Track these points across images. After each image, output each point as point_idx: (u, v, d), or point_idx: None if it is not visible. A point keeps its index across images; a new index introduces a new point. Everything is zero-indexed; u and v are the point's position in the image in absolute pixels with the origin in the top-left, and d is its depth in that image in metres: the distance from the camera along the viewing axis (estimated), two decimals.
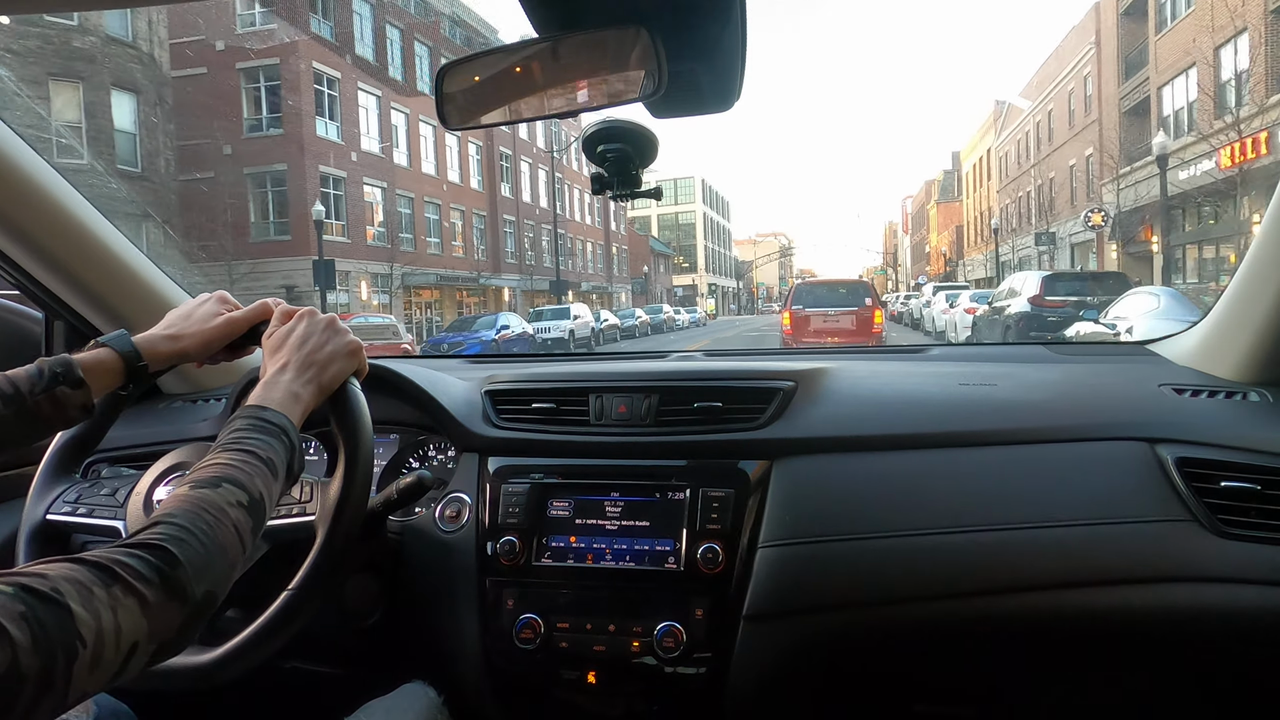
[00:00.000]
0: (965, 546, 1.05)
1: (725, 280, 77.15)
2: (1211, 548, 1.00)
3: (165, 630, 0.59)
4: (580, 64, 0.76)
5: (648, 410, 1.23)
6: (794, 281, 19.19)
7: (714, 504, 1.13)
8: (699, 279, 67.32)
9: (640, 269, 54.67)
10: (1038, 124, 33.94)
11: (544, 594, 1.14)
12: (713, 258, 72.37)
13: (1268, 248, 1.14)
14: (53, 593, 0.52)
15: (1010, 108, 39.96)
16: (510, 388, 1.31)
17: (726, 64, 0.74)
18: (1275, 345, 1.17)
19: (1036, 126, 34.23)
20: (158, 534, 0.63)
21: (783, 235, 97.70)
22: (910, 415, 1.20)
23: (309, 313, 0.95)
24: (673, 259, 65.41)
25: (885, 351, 1.93)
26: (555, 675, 1.13)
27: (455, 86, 0.82)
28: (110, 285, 1.41)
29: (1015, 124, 38.40)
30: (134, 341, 0.93)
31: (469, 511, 1.20)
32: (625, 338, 28.15)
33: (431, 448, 1.37)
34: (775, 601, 1.07)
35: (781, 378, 1.25)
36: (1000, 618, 1.05)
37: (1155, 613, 1.01)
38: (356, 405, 0.95)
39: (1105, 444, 1.11)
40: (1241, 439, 1.06)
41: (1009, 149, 40.05)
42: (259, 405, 0.83)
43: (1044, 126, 32.98)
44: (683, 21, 0.70)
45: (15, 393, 0.84)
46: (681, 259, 67.15)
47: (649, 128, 0.99)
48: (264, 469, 0.76)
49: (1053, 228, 30.27)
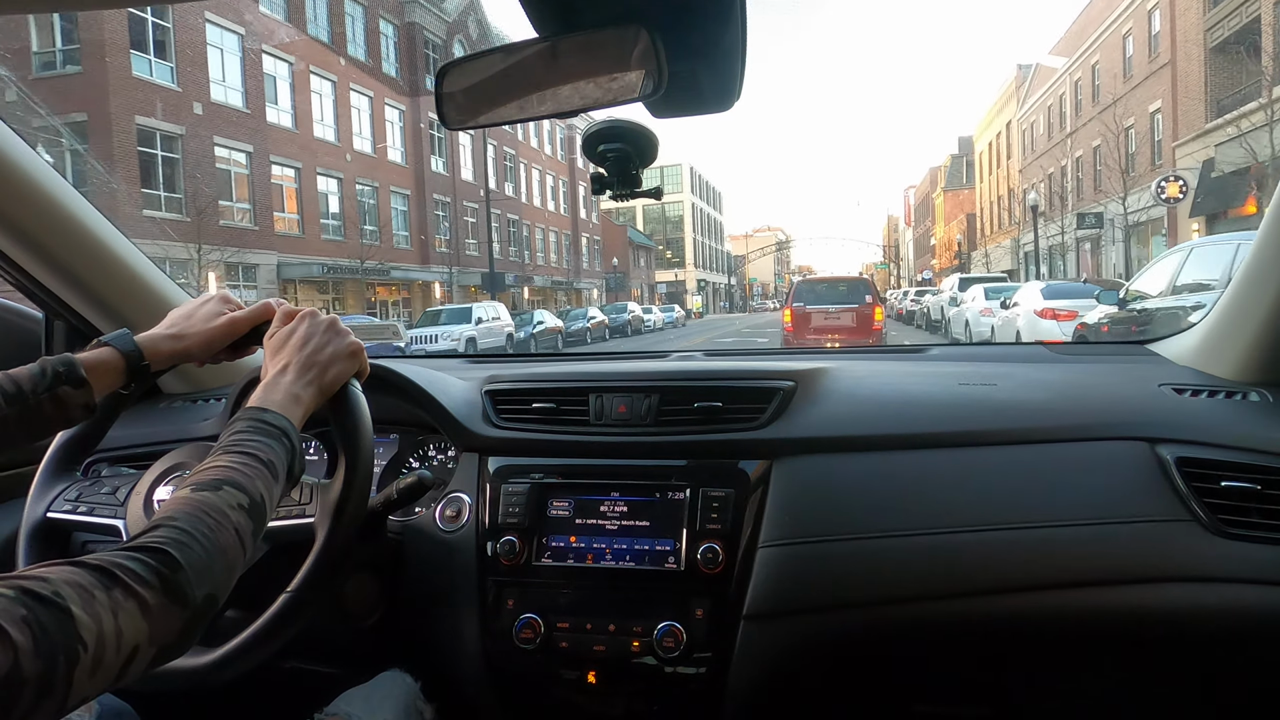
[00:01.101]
0: (965, 546, 1.05)
1: (716, 276, 73.33)
2: (1211, 548, 1.00)
3: (166, 633, 0.59)
4: (580, 64, 0.76)
5: (648, 410, 1.23)
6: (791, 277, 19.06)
7: (714, 504, 1.13)
8: (687, 274, 63.15)
9: (619, 262, 49.09)
10: (1076, 82, 28.64)
11: (544, 594, 1.15)
12: (703, 252, 68.43)
13: (1268, 248, 1.14)
14: (54, 596, 0.52)
15: (1038, 70, 34.10)
16: (510, 388, 1.31)
17: (726, 64, 0.74)
18: (1275, 345, 1.17)
19: (1075, 86, 28.79)
20: (159, 537, 0.63)
21: (779, 230, 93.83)
22: (910, 415, 1.20)
23: (310, 313, 0.95)
24: (655, 252, 61.01)
25: (885, 351, 1.93)
26: (555, 675, 1.14)
27: (455, 86, 0.82)
28: (110, 285, 1.41)
29: (1045, 88, 32.90)
30: (136, 341, 0.93)
31: (469, 511, 1.21)
32: (573, 343, 23.81)
33: (431, 448, 1.37)
34: (775, 601, 1.08)
35: (781, 378, 1.25)
36: (1000, 618, 1.05)
37: (1155, 613, 1.01)
38: (357, 407, 0.95)
39: (1105, 444, 1.11)
40: (1241, 439, 1.06)
41: (1035, 119, 34.49)
42: (260, 407, 0.83)
43: (1085, 85, 27.63)
44: (683, 21, 0.70)
45: (18, 392, 0.84)
46: (670, 253, 62.99)
47: (649, 127, 0.99)
48: (265, 471, 0.76)
49: (1098, 206, 24.57)
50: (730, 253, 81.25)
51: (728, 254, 79.56)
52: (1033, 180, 33.59)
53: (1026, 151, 36.25)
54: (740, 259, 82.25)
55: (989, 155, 45.25)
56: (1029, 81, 35.51)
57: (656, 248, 61.34)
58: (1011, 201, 38.64)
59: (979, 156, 48.81)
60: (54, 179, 1.29)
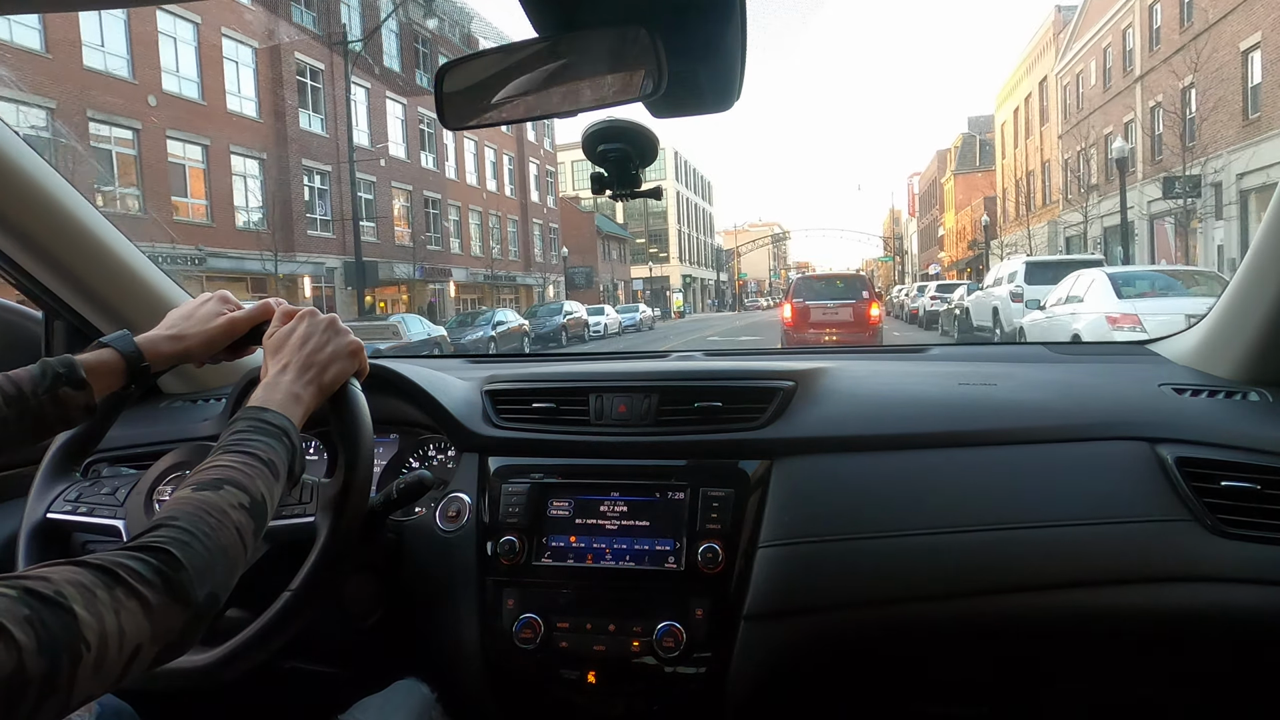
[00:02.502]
0: (965, 546, 1.06)
1: (704, 272, 65.10)
2: (1211, 548, 1.00)
3: (168, 632, 0.60)
4: (580, 64, 0.76)
5: (648, 410, 1.23)
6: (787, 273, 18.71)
7: (714, 504, 1.13)
8: (672, 269, 55.51)
9: (587, 255, 41.36)
10: (1150, 7, 21.85)
11: (544, 594, 1.15)
12: (690, 245, 60.66)
13: (1268, 248, 1.14)
14: (56, 596, 0.52)
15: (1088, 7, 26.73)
16: (510, 387, 1.32)
17: (726, 64, 0.74)
18: (1275, 345, 1.17)
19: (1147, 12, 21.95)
20: (160, 537, 0.63)
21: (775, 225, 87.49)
22: (910, 415, 1.20)
23: (310, 313, 0.95)
24: (630, 243, 52.09)
25: (885, 351, 1.93)
26: (555, 675, 1.14)
27: (455, 86, 0.82)
28: (110, 285, 1.41)
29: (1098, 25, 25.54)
30: (136, 342, 0.93)
31: (469, 511, 1.21)
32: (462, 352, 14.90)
33: (432, 448, 1.37)
34: (775, 601, 1.08)
35: (781, 378, 1.25)
36: (1000, 618, 1.05)
37: (1155, 613, 1.02)
38: (357, 406, 0.95)
39: (1105, 444, 1.11)
40: (1241, 438, 1.06)
41: (1083, 67, 27.23)
42: (260, 407, 0.83)
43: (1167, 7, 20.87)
44: (683, 21, 0.70)
45: (18, 393, 0.84)
46: (655, 248, 55.39)
47: (649, 127, 1.00)
48: (265, 470, 0.76)
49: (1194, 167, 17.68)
50: (720, 246, 71.88)
51: (718, 248, 70.94)
52: (1078, 148, 26.12)
53: (1070, 112, 28.93)
54: (729, 253, 71.90)
55: (1013, 126, 38.00)
56: (1074, 24, 28.37)
57: (633, 239, 53.08)
58: (1047, 176, 31.59)
59: (1000, 130, 41.65)
60: (54, 179, 1.29)
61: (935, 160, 60.59)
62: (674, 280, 54.69)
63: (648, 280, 52.80)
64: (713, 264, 67.83)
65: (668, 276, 54.62)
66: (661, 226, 56.25)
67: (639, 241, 54.98)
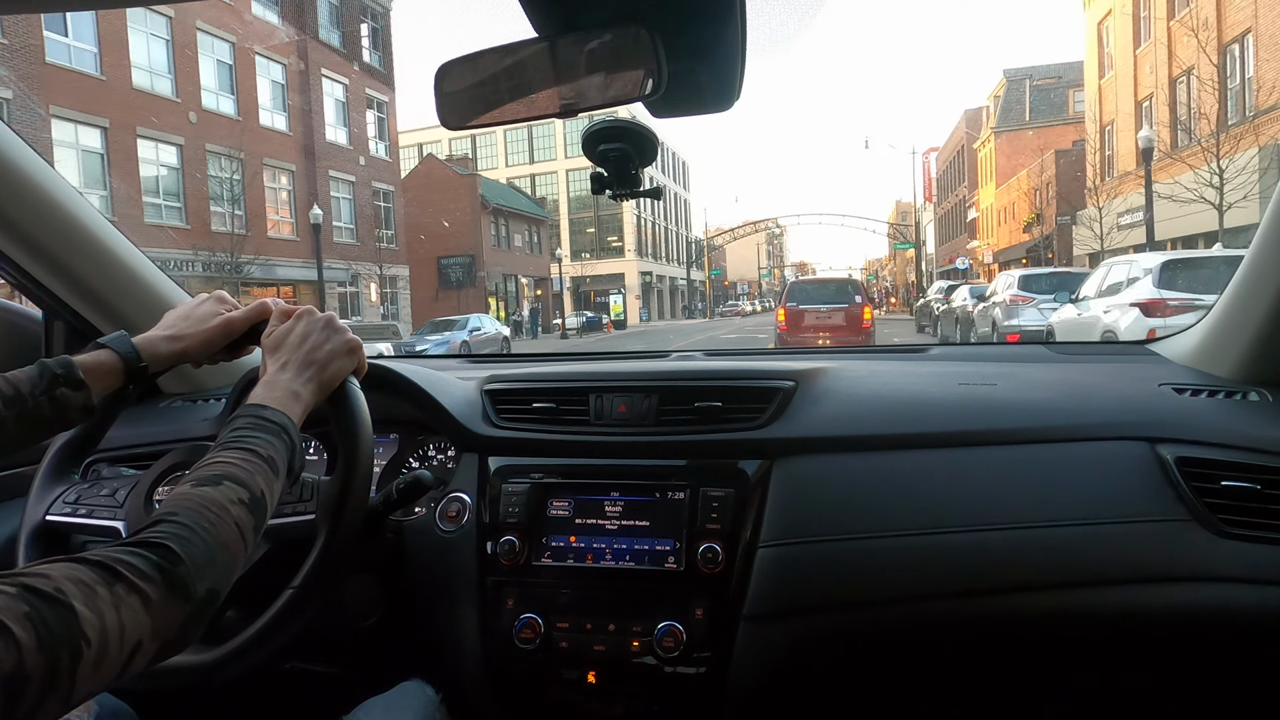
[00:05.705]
0: (966, 546, 1.06)
1: (673, 269, 51.19)
2: (1211, 548, 1.00)
3: (168, 628, 0.60)
4: (580, 64, 0.76)
5: (648, 410, 1.23)
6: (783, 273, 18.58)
7: (714, 504, 1.13)
8: (627, 265, 42.84)
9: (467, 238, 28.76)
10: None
11: (544, 593, 1.15)
12: (653, 235, 46.86)
13: (1268, 248, 1.14)
14: (56, 592, 0.52)
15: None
16: (510, 387, 1.32)
17: (726, 64, 0.74)
18: (1275, 345, 1.17)
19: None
20: (160, 532, 0.63)
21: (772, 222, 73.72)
22: (910, 415, 1.20)
23: (307, 311, 0.96)
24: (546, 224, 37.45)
25: (885, 351, 1.93)
26: (555, 675, 1.14)
27: (454, 86, 0.82)
28: (110, 285, 1.41)
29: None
30: (134, 343, 0.93)
31: (469, 511, 1.21)
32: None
33: (431, 448, 1.37)
34: (775, 601, 1.08)
35: (781, 377, 1.25)
36: (1000, 618, 1.05)
37: (1155, 612, 1.01)
38: (356, 404, 0.95)
39: (1105, 444, 1.11)
40: (1242, 438, 1.06)
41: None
42: (259, 404, 0.83)
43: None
44: (683, 21, 0.70)
45: (16, 394, 0.84)
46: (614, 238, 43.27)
47: (649, 126, 1.00)
48: (265, 467, 0.76)
49: None
50: (702, 240, 54.53)
51: (698, 241, 55.16)
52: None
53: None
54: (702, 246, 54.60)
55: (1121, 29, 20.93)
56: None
57: (549, 218, 38.49)
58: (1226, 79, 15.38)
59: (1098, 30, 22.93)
60: (54, 179, 1.29)
61: (963, 123, 43.10)
62: (630, 279, 42.97)
63: (594, 279, 41.39)
64: (686, 260, 54.22)
65: (621, 274, 42.57)
66: (613, 211, 41.68)
67: (589, 231, 43.52)
